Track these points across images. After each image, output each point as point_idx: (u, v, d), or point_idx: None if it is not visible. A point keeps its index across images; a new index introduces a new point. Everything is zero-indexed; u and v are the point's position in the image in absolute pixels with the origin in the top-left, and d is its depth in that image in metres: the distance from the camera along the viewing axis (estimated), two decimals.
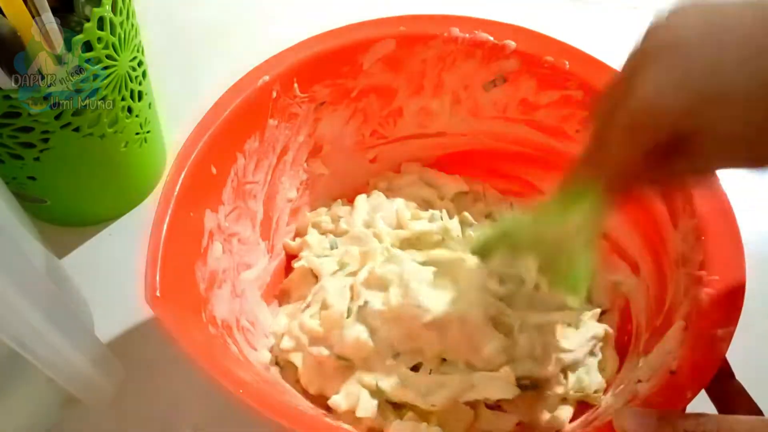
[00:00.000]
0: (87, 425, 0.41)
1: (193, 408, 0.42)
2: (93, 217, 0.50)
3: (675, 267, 0.37)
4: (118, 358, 0.38)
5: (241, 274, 0.41)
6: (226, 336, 0.37)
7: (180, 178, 0.36)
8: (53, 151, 0.42)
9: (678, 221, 0.37)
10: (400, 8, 0.45)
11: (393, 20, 0.44)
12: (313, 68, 0.42)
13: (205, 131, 0.38)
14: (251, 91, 0.40)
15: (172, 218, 0.34)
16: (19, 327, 0.29)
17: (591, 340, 0.40)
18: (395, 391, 0.37)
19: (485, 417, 0.38)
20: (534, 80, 0.43)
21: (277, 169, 0.44)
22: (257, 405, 0.30)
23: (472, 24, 0.43)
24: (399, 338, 0.38)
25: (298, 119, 0.44)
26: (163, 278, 0.32)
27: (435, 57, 0.44)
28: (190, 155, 0.37)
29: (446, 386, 0.37)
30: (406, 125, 0.48)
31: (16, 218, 0.37)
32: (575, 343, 0.39)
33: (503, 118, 0.46)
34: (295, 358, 0.39)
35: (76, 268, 0.45)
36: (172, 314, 0.32)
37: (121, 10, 0.40)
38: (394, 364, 0.38)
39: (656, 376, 0.33)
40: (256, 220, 0.43)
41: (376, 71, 0.44)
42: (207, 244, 0.38)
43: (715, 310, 0.33)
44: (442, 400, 0.37)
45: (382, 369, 0.38)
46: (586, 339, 0.40)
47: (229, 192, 0.40)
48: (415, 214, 0.46)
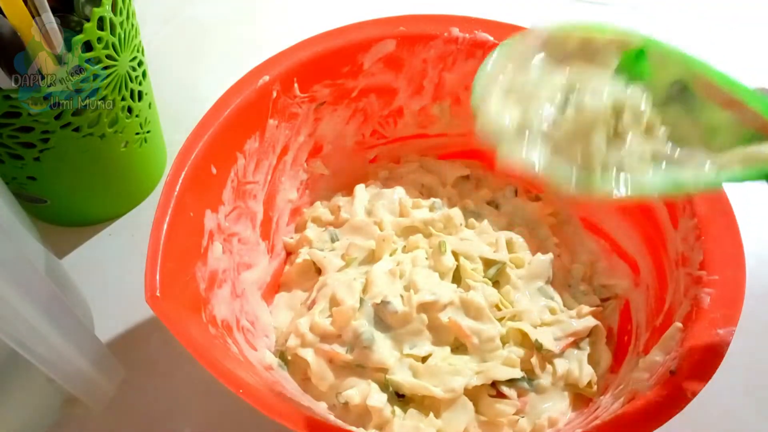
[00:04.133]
0: (87, 425, 0.41)
1: (193, 408, 0.42)
2: (93, 217, 0.50)
3: (675, 267, 0.37)
4: (118, 358, 0.38)
5: (241, 274, 0.41)
6: (227, 336, 0.37)
7: (180, 178, 0.36)
8: (53, 151, 0.42)
9: (678, 221, 0.38)
10: (400, 8, 0.45)
11: (393, 20, 0.44)
12: (313, 68, 0.42)
13: (205, 131, 0.38)
14: (251, 91, 0.40)
15: (172, 218, 0.34)
16: (19, 327, 0.29)
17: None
18: (408, 383, 0.37)
19: (487, 405, 0.38)
20: None
21: (277, 169, 0.44)
22: (257, 405, 0.30)
23: (472, 24, 0.43)
24: (413, 331, 0.39)
25: (298, 119, 0.44)
26: (163, 278, 0.32)
27: (435, 57, 0.44)
28: (190, 155, 0.37)
29: (459, 373, 0.37)
30: (407, 125, 0.48)
31: (16, 218, 0.37)
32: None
33: None
34: (305, 353, 0.39)
35: (76, 268, 0.46)
36: (172, 314, 0.32)
37: (121, 10, 0.40)
38: (407, 354, 0.39)
39: (656, 375, 0.33)
40: (256, 220, 0.43)
41: (376, 71, 0.44)
42: (207, 244, 0.38)
43: (715, 310, 0.33)
44: (456, 387, 0.37)
45: (395, 362, 0.38)
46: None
47: (229, 192, 0.40)
48: (416, 202, 0.46)
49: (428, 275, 0.41)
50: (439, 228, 0.44)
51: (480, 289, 0.40)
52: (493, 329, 0.39)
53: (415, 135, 0.49)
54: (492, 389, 0.38)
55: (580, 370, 0.40)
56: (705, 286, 0.34)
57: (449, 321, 0.39)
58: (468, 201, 0.48)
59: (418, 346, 0.39)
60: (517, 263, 0.43)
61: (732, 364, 0.32)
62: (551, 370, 0.39)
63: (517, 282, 0.42)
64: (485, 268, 0.42)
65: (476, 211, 0.47)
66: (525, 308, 0.41)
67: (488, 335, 0.39)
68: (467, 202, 0.47)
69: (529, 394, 0.38)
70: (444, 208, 0.46)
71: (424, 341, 0.39)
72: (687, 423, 0.30)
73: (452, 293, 0.40)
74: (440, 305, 0.39)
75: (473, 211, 0.47)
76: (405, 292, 0.40)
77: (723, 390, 0.33)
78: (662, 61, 0.29)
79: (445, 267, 0.41)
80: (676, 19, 0.66)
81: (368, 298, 0.40)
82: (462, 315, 0.39)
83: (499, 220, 0.46)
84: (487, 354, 0.39)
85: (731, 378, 0.35)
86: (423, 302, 0.39)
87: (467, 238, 0.44)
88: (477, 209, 0.47)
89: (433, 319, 0.39)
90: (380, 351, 0.38)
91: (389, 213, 0.45)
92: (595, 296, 0.44)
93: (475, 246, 0.43)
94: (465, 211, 0.47)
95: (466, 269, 0.41)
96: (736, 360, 0.32)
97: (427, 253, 0.43)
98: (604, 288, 0.44)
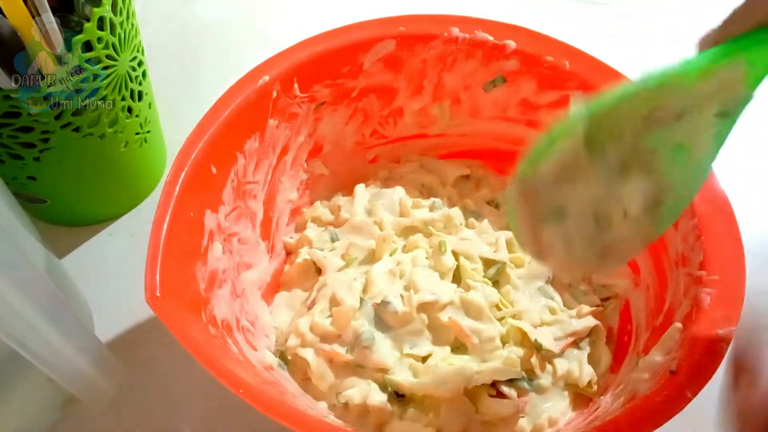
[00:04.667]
0: (87, 425, 0.41)
1: (193, 408, 0.42)
2: (93, 217, 0.50)
3: (675, 267, 0.37)
4: (118, 358, 0.38)
5: (241, 274, 0.41)
6: (227, 336, 0.37)
7: (180, 178, 0.36)
8: (53, 151, 0.42)
9: (678, 221, 0.37)
10: (400, 8, 0.45)
11: (393, 20, 0.44)
12: (313, 68, 0.42)
13: (205, 131, 0.38)
14: (251, 91, 0.40)
15: (172, 218, 0.34)
16: (19, 327, 0.29)
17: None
18: (407, 383, 0.38)
19: (487, 404, 0.38)
20: (534, 80, 0.43)
21: (277, 169, 0.44)
22: (258, 406, 0.30)
23: (472, 24, 0.43)
24: (413, 331, 0.39)
25: (298, 119, 0.44)
26: (163, 278, 0.32)
27: (435, 57, 0.44)
28: (190, 155, 0.37)
29: (459, 373, 0.37)
30: (407, 125, 0.48)
31: (16, 218, 0.37)
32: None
33: (504, 119, 0.46)
34: (305, 353, 0.39)
35: (76, 268, 0.45)
36: (172, 314, 0.32)
37: (121, 10, 0.40)
38: (407, 354, 0.39)
39: (656, 375, 0.33)
40: (257, 220, 0.43)
41: (376, 71, 0.44)
42: (207, 244, 0.38)
43: (715, 310, 0.33)
44: (457, 386, 0.37)
45: (395, 361, 0.39)
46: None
47: (229, 192, 0.40)
48: (416, 202, 0.46)
49: (428, 275, 0.41)
50: (439, 228, 0.44)
51: (480, 289, 0.40)
52: (493, 329, 0.39)
53: (415, 135, 0.49)
54: (492, 389, 0.38)
55: (580, 370, 0.40)
56: (705, 286, 0.34)
57: (449, 321, 0.39)
58: (468, 201, 0.48)
59: (418, 345, 0.39)
60: (517, 263, 0.43)
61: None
62: (551, 370, 0.39)
63: (517, 282, 0.42)
64: (485, 268, 0.42)
65: (476, 211, 0.47)
66: (525, 308, 0.41)
67: (488, 335, 0.39)
68: (467, 202, 0.48)
69: (529, 394, 0.38)
70: (444, 208, 0.46)
71: (424, 341, 0.39)
72: (687, 423, 0.30)
73: (452, 293, 0.40)
74: (440, 305, 0.39)
75: (473, 211, 0.47)
76: (405, 291, 0.40)
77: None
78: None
79: (445, 267, 0.41)
80: (676, 20, 0.66)
81: (368, 298, 0.40)
82: (462, 315, 0.39)
83: (499, 219, 0.47)
84: (487, 354, 0.39)
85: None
86: (423, 302, 0.39)
87: (467, 237, 0.44)
88: (477, 209, 0.48)
89: (433, 319, 0.39)
90: (380, 351, 0.38)
91: (389, 213, 0.45)
92: (595, 296, 0.44)
93: (475, 246, 0.43)
94: (465, 211, 0.47)
95: (466, 269, 0.41)
96: None
97: (427, 253, 0.43)
98: (604, 288, 0.44)
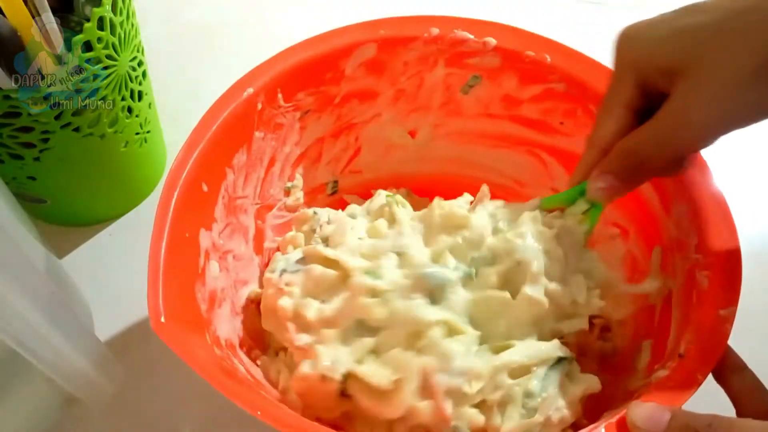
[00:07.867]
0: (87, 425, 0.41)
1: (193, 408, 0.42)
2: (93, 217, 0.50)
3: (671, 252, 0.38)
4: (118, 358, 0.38)
5: (239, 291, 0.41)
6: (232, 356, 0.36)
7: (173, 200, 0.35)
8: (53, 151, 0.42)
9: (670, 206, 0.38)
10: (400, 8, 0.45)
11: (373, 24, 0.43)
12: (296, 77, 0.42)
13: (194, 149, 0.37)
14: (236, 104, 0.39)
15: (168, 241, 0.34)
16: (19, 327, 0.29)
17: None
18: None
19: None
20: (516, 76, 0.43)
21: (265, 181, 0.43)
22: (279, 426, 0.29)
23: (452, 23, 0.43)
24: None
25: (283, 129, 0.43)
26: (167, 303, 0.32)
27: (416, 59, 0.44)
28: (180, 175, 0.36)
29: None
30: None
31: (16, 218, 0.37)
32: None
33: (486, 116, 0.46)
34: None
35: (76, 268, 0.45)
36: (179, 339, 0.31)
37: (121, 10, 0.40)
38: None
39: (665, 359, 0.33)
40: (249, 235, 0.43)
41: (358, 76, 0.43)
42: (204, 263, 0.37)
43: (714, 292, 0.33)
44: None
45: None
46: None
47: (221, 208, 0.39)
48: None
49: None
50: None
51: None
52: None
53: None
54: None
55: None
56: (702, 269, 0.34)
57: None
58: None
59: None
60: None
61: None
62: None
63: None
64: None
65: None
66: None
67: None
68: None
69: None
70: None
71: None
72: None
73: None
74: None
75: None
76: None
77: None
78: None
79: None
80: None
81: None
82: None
83: None
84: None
85: None
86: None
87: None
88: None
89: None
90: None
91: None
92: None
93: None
94: None
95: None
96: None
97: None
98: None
